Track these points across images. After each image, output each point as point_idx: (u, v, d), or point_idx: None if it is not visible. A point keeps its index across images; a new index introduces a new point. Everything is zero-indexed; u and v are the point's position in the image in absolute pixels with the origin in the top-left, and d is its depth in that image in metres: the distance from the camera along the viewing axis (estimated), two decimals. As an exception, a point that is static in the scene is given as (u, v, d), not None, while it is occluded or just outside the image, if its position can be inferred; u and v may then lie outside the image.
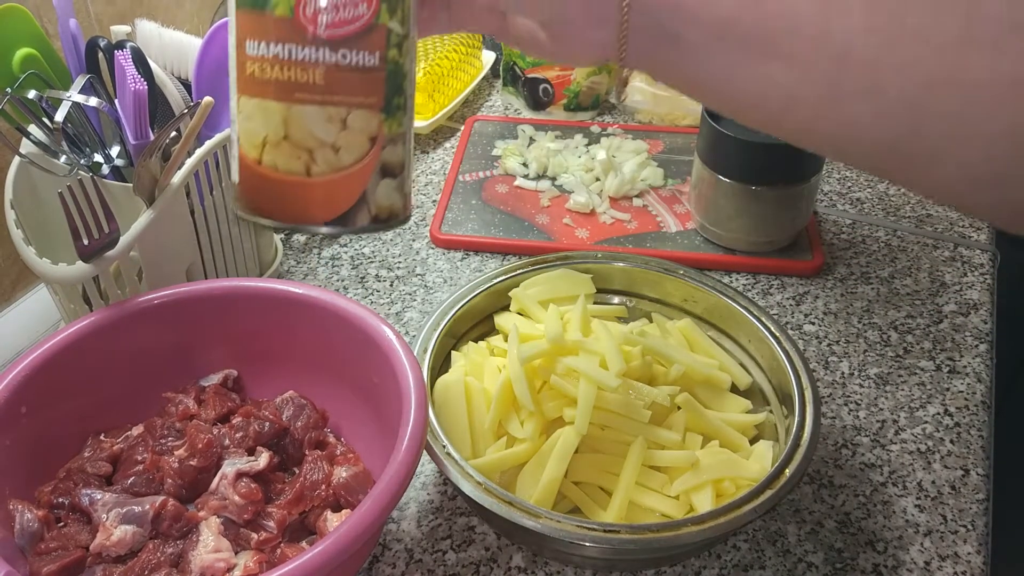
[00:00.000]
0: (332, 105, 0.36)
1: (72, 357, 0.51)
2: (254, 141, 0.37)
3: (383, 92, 0.37)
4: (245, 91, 0.37)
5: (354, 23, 0.35)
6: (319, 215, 0.38)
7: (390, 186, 0.39)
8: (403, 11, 0.36)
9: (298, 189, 0.37)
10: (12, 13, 0.57)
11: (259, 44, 0.36)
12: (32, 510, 0.47)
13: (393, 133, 0.38)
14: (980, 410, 0.62)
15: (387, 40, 0.36)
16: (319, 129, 0.36)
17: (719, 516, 0.46)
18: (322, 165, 0.37)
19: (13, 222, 0.58)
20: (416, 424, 0.45)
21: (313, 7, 0.35)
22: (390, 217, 0.40)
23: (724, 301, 0.60)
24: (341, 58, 0.35)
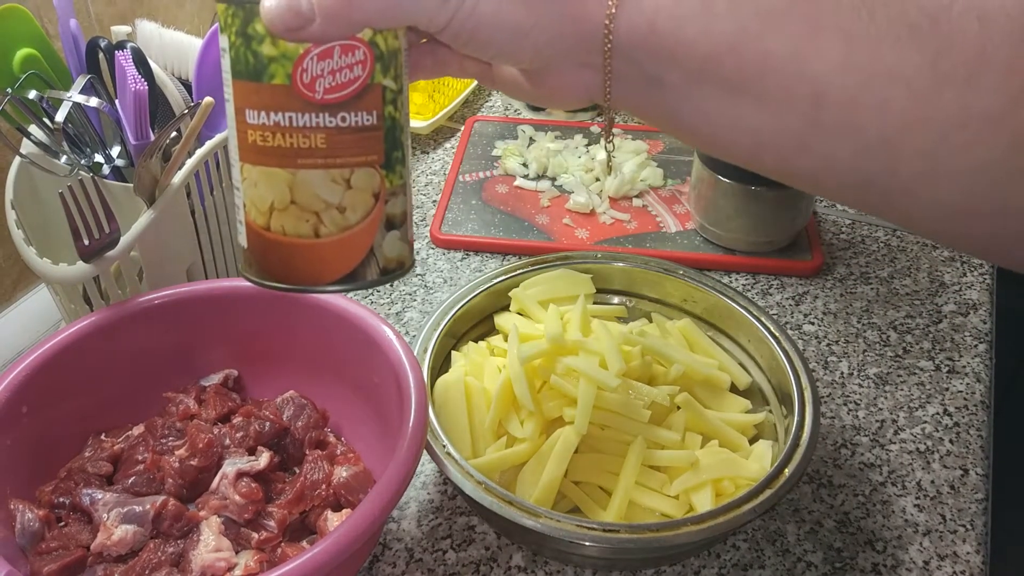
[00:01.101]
0: (336, 168, 0.37)
1: (73, 357, 0.51)
2: (261, 208, 0.37)
3: (383, 148, 0.38)
4: (248, 159, 0.37)
5: (351, 86, 0.36)
6: (329, 275, 0.38)
7: (395, 237, 0.40)
8: (396, 68, 0.37)
9: (308, 251, 0.38)
10: (12, 13, 0.57)
11: (259, 113, 0.36)
12: (33, 510, 0.47)
13: (395, 186, 0.39)
14: (979, 410, 0.62)
15: (383, 98, 0.37)
16: (325, 191, 0.37)
17: (718, 516, 0.46)
18: (330, 226, 0.37)
19: (14, 222, 0.59)
20: (416, 424, 0.45)
21: (310, 74, 0.35)
22: (397, 268, 0.40)
23: (724, 301, 0.60)
24: (341, 121, 0.36)
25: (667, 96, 0.37)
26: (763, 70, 0.35)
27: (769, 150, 0.37)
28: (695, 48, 0.35)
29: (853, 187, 0.37)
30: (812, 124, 0.35)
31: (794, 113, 0.35)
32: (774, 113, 0.35)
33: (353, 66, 0.35)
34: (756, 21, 0.34)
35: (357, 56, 0.35)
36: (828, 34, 0.34)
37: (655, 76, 0.37)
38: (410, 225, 0.41)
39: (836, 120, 0.34)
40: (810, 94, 0.34)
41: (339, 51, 0.35)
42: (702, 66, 0.36)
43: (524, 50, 0.37)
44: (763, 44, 0.34)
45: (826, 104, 0.34)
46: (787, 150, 0.36)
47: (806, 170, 0.37)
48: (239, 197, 0.39)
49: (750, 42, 0.35)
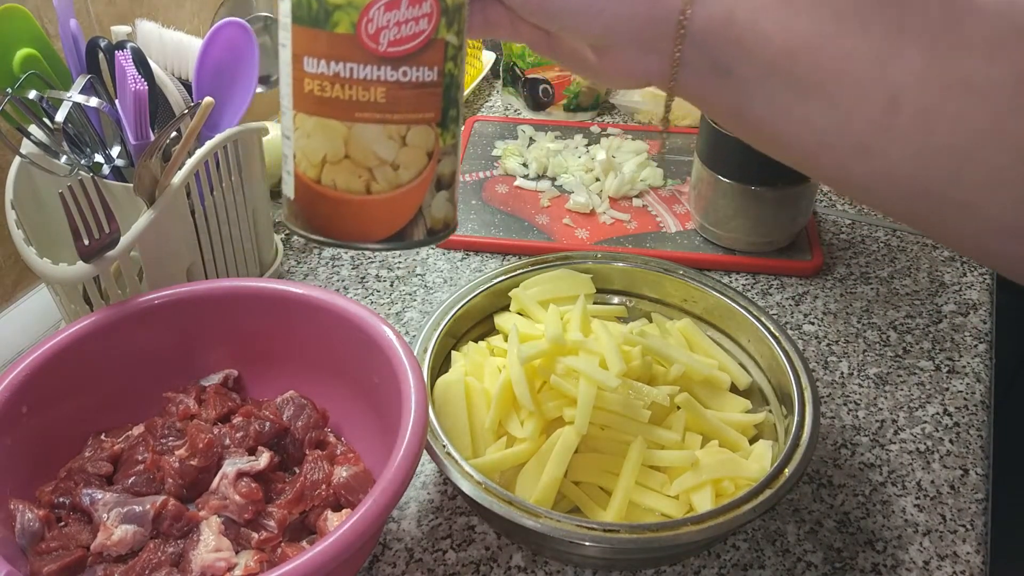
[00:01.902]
0: (393, 123, 0.36)
1: (73, 357, 0.51)
2: (313, 160, 0.37)
3: (440, 106, 0.37)
4: (303, 108, 0.36)
5: (415, 39, 0.35)
6: (377, 232, 0.38)
7: (444, 197, 0.39)
8: (459, 23, 0.36)
9: (357, 207, 0.37)
10: (12, 13, 0.57)
11: (319, 62, 0.35)
12: (33, 510, 0.47)
13: (447, 145, 0.38)
14: (979, 410, 0.62)
15: (445, 54, 0.36)
16: (380, 147, 0.36)
17: (718, 516, 0.46)
18: (382, 183, 0.37)
19: (14, 222, 0.59)
20: (416, 424, 0.45)
21: (376, 25, 0.34)
22: (443, 228, 0.40)
23: (724, 301, 0.60)
24: (402, 75, 0.35)
25: (734, 88, 0.37)
26: (839, 70, 0.34)
27: (830, 152, 0.36)
28: (771, 42, 0.35)
29: (908, 197, 0.36)
30: (881, 128, 0.34)
31: (864, 116, 0.35)
32: (843, 114, 0.35)
33: (419, 19, 0.34)
34: (838, 21, 0.34)
35: (424, 8, 0.34)
36: (911, 40, 0.33)
37: (725, 67, 0.37)
38: (457, 186, 0.40)
39: (907, 126, 0.34)
40: (885, 98, 0.34)
41: (406, 2, 0.34)
42: (776, 61, 0.35)
43: (594, 27, 0.36)
44: (843, 44, 0.34)
45: (899, 110, 0.34)
46: (849, 153, 0.36)
47: (864, 175, 0.36)
48: (289, 147, 0.38)
49: (830, 41, 0.34)
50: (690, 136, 0.93)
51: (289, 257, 0.78)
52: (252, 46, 0.62)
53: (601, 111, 1.01)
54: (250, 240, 0.69)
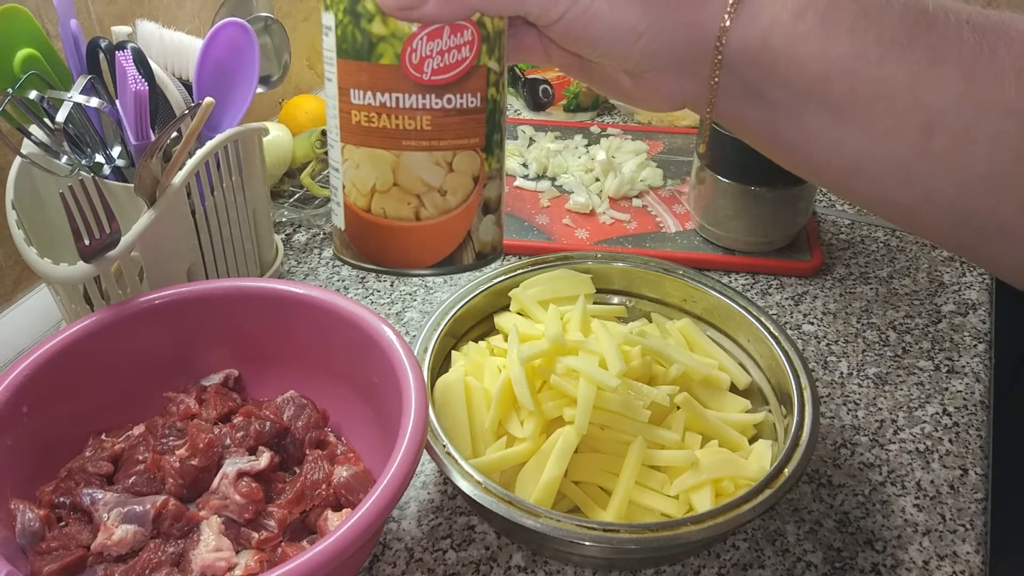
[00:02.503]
0: (439, 150, 0.36)
1: (73, 357, 0.51)
2: (362, 189, 0.37)
3: (484, 131, 0.37)
4: (351, 140, 0.37)
5: (458, 67, 0.35)
6: (427, 258, 0.38)
7: (491, 221, 0.40)
8: (500, 50, 0.37)
9: (407, 234, 0.38)
10: (13, 14, 0.57)
11: (365, 93, 0.36)
12: (33, 509, 0.47)
13: (492, 169, 0.39)
14: (979, 410, 0.62)
15: (487, 80, 0.37)
16: (428, 174, 0.37)
17: (718, 515, 0.46)
18: (431, 209, 0.37)
19: (14, 222, 0.59)
20: (416, 424, 0.45)
21: (419, 55, 0.35)
22: (491, 252, 0.40)
23: (723, 301, 0.60)
24: (446, 103, 0.36)
25: (768, 112, 0.37)
26: (876, 95, 0.34)
27: (866, 177, 0.36)
28: (808, 68, 0.35)
29: (948, 222, 0.36)
30: (918, 154, 0.34)
31: (901, 141, 0.35)
32: (879, 139, 0.35)
33: (461, 47, 0.35)
34: (876, 47, 0.34)
35: (465, 37, 0.35)
36: (948, 66, 0.33)
37: (759, 91, 0.37)
38: (503, 209, 0.41)
39: (944, 151, 0.34)
40: (921, 124, 0.34)
41: (448, 31, 0.35)
42: (812, 86, 0.35)
43: (632, 53, 0.36)
44: (880, 70, 0.34)
45: (937, 134, 0.34)
46: (886, 179, 0.36)
47: (902, 201, 0.36)
48: (337, 178, 0.38)
49: (867, 67, 0.34)
50: (689, 136, 0.93)
51: (289, 257, 0.78)
52: (253, 46, 0.62)
53: (601, 111, 1.01)
54: (250, 240, 0.69)
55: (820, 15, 0.34)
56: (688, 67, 0.37)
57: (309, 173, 0.83)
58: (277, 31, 0.73)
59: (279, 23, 0.73)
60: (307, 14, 0.98)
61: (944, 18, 0.34)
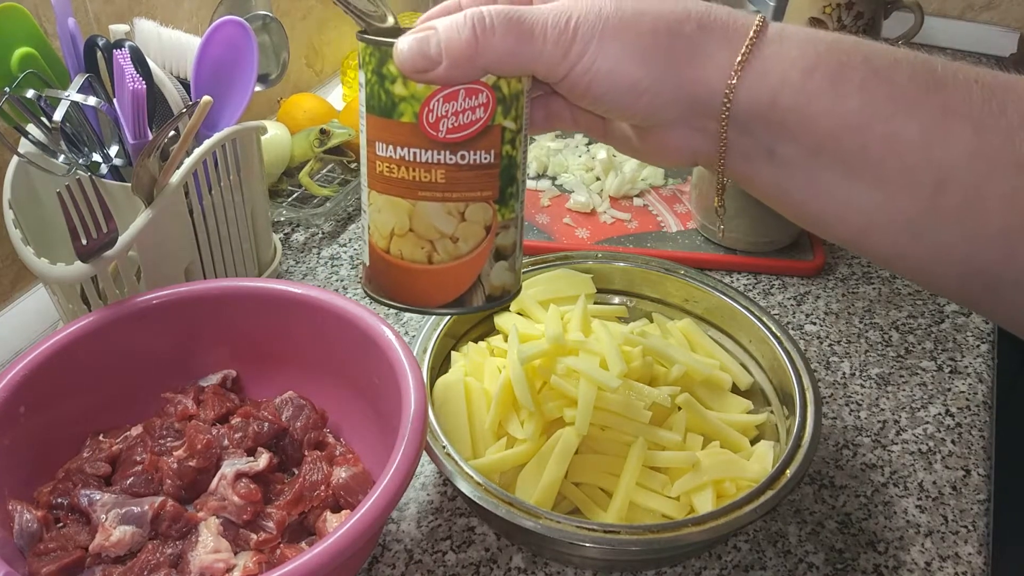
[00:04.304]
0: (452, 201, 0.39)
1: (71, 357, 0.50)
2: (383, 232, 0.40)
3: (498, 185, 0.39)
4: (374, 187, 0.40)
5: (472, 127, 0.37)
6: (438, 299, 0.41)
7: (503, 267, 0.41)
8: (516, 110, 0.39)
9: (420, 276, 0.40)
10: (10, 12, 0.57)
11: (387, 146, 0.38)
12: (31, 510, 0.47)
13: (506, 219, 0.41)
14: (981, 410, 0.62)
15: (502, 138, 0.39)
16: (440, 222, 0.39)
17: (719, 517, 0.45)
18: (442, 254, 0.40)
19: (11, 222, 0.58)
20: (416, 424, 0.45)
21: (435, 115, 0.37)
22: (502, 295, 0.42)
23: (725, 301, 0.60)
24: (460, 159, 0.38)
25: (778, 169, 0.37)
26: (886, 152, 0.34)
27: (878, 232, 0.36)
28: (818, 124, 0.35)
29: (961, 276, 0.36)
30: (929, 210, 0.35)
31: (912, 197, 0.35)
32: (890, 195, 0.35)
33: (476, 108, 0.37)
34: (886, 104, 0.34)
35: (480, 99, 0.37)
36: (958, 122, 0.34)
37: (769, 148, 0.37)
38: (519, 255, 0.43)
39: (956, 207, 0.34)
40: (933, 180, 0.34)
41: (463, 94, 0.37)
42: (822, 143, 0.35)
43: (637, 108, 0.37)
44: (890, 126, 0.34)
45: (948, 190, 0.34)
46: (898, 234, 0.36)
47: (914, 256, 0.36)
48: (365, 219, 0.42)
49: (877, 123, 0.34)
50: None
51: (288, 257, 0.78)
52: (251, 45, 0.62)
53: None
54: (248, 240, 0.69)
55: (830, 73, 0.35)
56: (695, 123, 0.38)
57: (307, 172, 0.83)
58: (275, 29, 0.73)
59: (277, 21, 0.73)
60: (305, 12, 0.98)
61: (953, 77, 0.34)
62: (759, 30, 0.36)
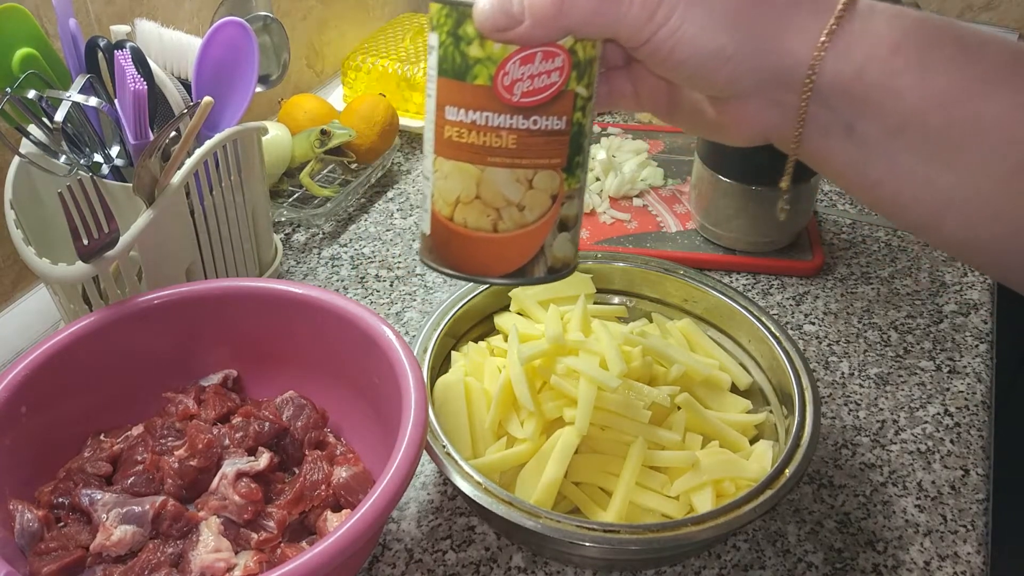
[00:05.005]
0: (521, 168, 0.38)
1: (72, 357, 0.51)
2: (448, 199, 0.40)
3: (567, 153, 0.39)
4: (442, 153, 0.39)
5: (546, 91, 0.37)
6: (500, 268, 0.40)
7: (565, 238, 0.41)
8: (589, 76, 0.38)
9: (484, 244, 0.40)
10: (12, 13, 0.57)
11: (458, 110, 0.38)
12: (32, 510, 0.47)
13: (572, 189, 0.40)
14: (980, 410, 0.62)
15: (574, 104, 0.38)
16: (508, 189, 0.39)
17: (719, 516, 0.46)
18: (508, 222, 0.39)
19: (13, 222, 0.58)
20: (416, 424, 0.45)
21: (511, 78, 0.37)
22: (563, 267, 0.42)
23: (724, 301, 0.60)
24: (532, 124, 0.38)
25: (856, 147, 0.37)
26: (971, 131, 0.34)
27: (955, 214, 0.36)
28: (903, 101, 0.35)
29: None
30: (1009, 191, 0.34)
31: (993, 177, 0.34)
32: (971, 175, 0.35)
33: (551, 72, 0.37)
34: (973, 83, 0.34)
35: (556, 63, 0.37)
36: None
37: (848, 124, 0.36)
38: (579, 228, 0.42)
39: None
40: (1015, 160, 0.34)
41: (540, 56, 0.36)
42: (906, 120, 0.35)
43: (719, 77, 0.36)
44: (976, 105, 0.34)
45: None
46: (975, 216, 0.35)
47: (991, 239, 0.36)
48: (428, 187, 0.41)
49: (963, 102, 0.34)
50: (690, 136, 0.93)
51: (288, 257, 0.78)
52: (251, 45, 0.62)
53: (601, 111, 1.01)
54: (249, 240, 0.69)
55: (918, 50, 0.34)
56: (775, 95, 0.37)
57: (308, 172, 0.83)
58: (276, 30, 0.73)
59: (278, 22, 0.73)
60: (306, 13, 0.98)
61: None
62: (849, 3, 0.35)
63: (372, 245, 0.79)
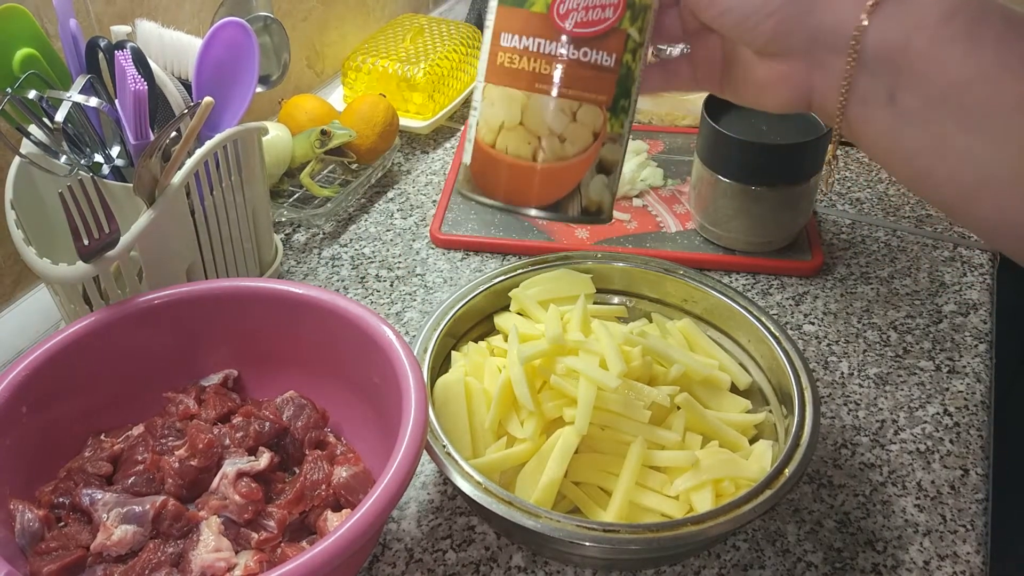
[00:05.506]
0: (566, 98, 0.39)
1: (72, 357, 0.51)
2: (492, 125, 0.41)
3: (613, 92, 0.40)
4: (491, 79, 0.41)
5: (599, 25, 0.39)
6: (536, 199, 0.41)
7: (602, 182, 0.42)
8: (644, 20, 0.40)
9: (522, 173, 0.41)
10: (12, 13, 0.57)
11: (512, 36, 0.39)
12: (33, 510, 0.47)
13: (614, 132, 0.41)
14: (979, 410, 0.62)
15: (625, 45, 0.40)
16: (551, 118, 0.40)
17: (719, 516, 0.46)
18: (548, 153, 0.40)
19: (13, 222, 0.58)
20: (416, 424, 0.45)
21: (567, 7, 0.38)
22: (597, 212, 0.42)
23: (724, 301, 0.60)
24: (582, 55, 0.39)
25: (896, 117, 0.37)
26: (1014, 106, 0.34)
27: (991, 190, 0.36)
28: (950, 71, 0.35)
29: None
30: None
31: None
32: (1010, 151, 0.34)
33: (606, 7, 0.39)
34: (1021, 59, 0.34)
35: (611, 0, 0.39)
36: None
37: (890, 92, 0.36)
38: (618, 178, 0.43)
39: None
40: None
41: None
42: (950, 91, 0.35)
43: (763, 29, 0.37)
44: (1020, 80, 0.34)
45: None
46: (1010, 194, 0.35)
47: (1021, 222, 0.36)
48: (474, 117, 0.42)
49: (1009, 76, 0.34)
50: (690, 136, 0.93)
51: (289, 257, 0.78)
52: (252, 46, 0.62)
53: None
54: (250, 240, 0.69)
55: (967, 23, 0.34)
56: (819, 57, 0.37)
57: (308, 173, 0.83)
58: (276, 30, 0.73)
59: (278, 22, 0.73)
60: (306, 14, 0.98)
61: None
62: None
63: (372, 245, 0.79)
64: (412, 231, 0.81)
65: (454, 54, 0.96)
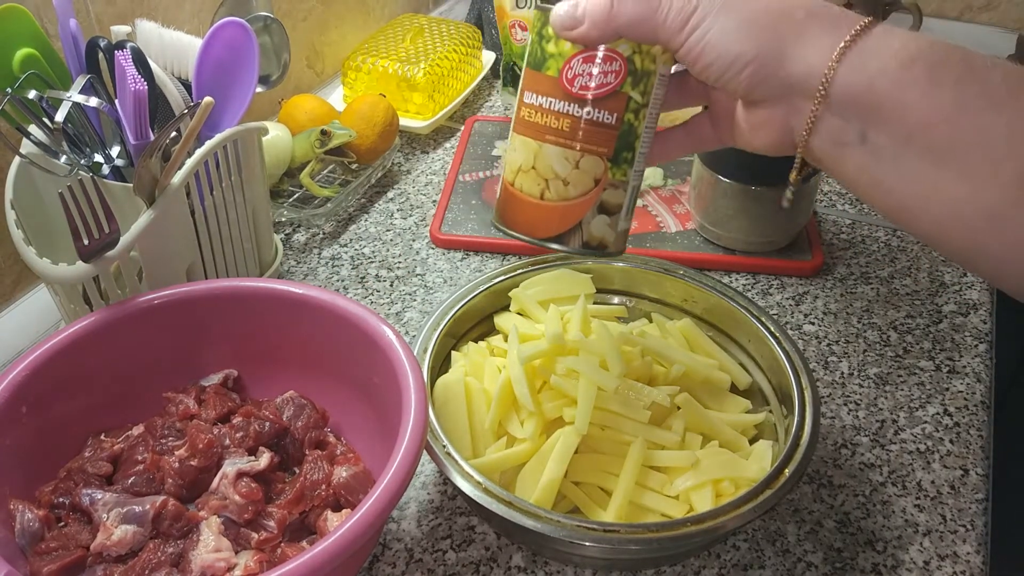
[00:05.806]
0: (571, 149, 0.45)
1: (72, 357, 0.51)
2: (513, 167, 0.47)
3: (614, 145, 0.45)
4: (516, 129, 0.47)
5: (601, 88, 0.44)
6: (543, 231, 0.47)
7: (604, 222, 0.46)
8: (645, 86, 0.44)
9: (532, 208, 0.46)
10: (12, 13, 0.57)
11: (532, 95, 0.45)
12: (33, 510, 0.47)
13: (616, 179, 0.46)
14: (979, 410, 0.62)
15: (626, 106, 0.44)
16: (557, 164, 0.45)
17: (719, 516, 0.46)
18: (553, 193, 0.46)
19: (13, 222, 0.58)
20: (416, 424, 0.45)
21: (573, 72, 0.44)
22: (599, 247, 0.47)
23: (724, 301, 0.60)
24: (586, 113, 0.44)
25: (869, 155, 0.39)
26: (975, 143, 0.36)
27: (961, 223, 0.38)
28: (910, 112, 0.37)
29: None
30: (1013, 202, 0.36)
31: (997, 188, 0.36)
32: (976, 187, 0.37)
33: (608, 73, 0.43)
34: (978, 100, 0.36)
35: (613, 67, 0.43)
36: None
37: (861, 133, 0.39)
38: (623, 218, 0.47)
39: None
40: (1018, 173, 0.36)
41: (601, 59, 0.43)
42: (914, 131, 0.37)
43: (740, 80, 0.41)
44: (980, 120, 0.36)
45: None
46: (980, 226, 0.37)
47: (996, 249, 0.38)
48: (504, 159, 0.47)
49: (968, 116, 0.36)
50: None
51: (289, 257, 0.78)
52: (252, 46, 0.62)
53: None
54: (250, 240, 0.69)
55: (928, 67, 0.37)
56: (795, 102, 0.41)
57: (308, 173, 0.83)
58: (276, 30, 0.73)
59: (278, 22, 0.73)
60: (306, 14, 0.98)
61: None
62: (867, 25, 0.38)
63: (372, 245, 0.79)
64: (412, 231, 0.81)
65: (454, 54, 0.96)
